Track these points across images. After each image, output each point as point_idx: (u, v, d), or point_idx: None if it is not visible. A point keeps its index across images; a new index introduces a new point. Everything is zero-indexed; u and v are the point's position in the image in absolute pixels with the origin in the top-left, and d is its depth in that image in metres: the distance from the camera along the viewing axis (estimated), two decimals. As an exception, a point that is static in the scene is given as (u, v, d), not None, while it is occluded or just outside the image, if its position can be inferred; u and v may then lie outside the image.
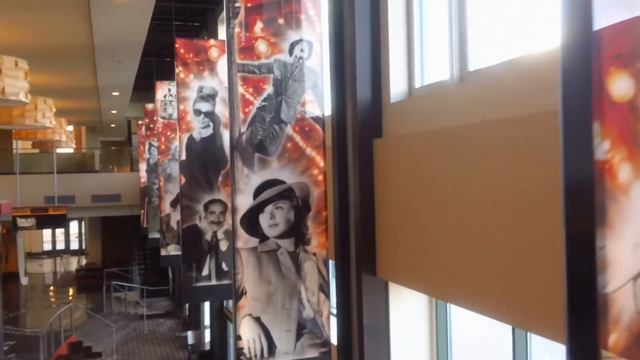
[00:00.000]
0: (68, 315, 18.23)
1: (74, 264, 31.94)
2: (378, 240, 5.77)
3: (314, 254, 5.94)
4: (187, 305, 20.90)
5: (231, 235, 10.17)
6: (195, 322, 18.25)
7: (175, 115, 14.26)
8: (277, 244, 5.82)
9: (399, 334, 5.87)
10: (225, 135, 10.11)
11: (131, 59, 11.92)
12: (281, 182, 5.83)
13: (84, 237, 37.07)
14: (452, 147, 4.56)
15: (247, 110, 5.73)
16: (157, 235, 18.13)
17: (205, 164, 10.06)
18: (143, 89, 21.10)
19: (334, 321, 6.26)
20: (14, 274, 27.19)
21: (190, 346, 16.30)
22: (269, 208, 5.79)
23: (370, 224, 5.81)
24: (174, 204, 14.21)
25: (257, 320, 5.75)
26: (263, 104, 5.77)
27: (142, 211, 21.80)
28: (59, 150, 25.54)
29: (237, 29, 5.70)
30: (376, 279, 5.80)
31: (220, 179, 10.10)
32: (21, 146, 24.51)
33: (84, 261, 32.04)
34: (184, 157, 9.93)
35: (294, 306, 5.89)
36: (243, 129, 5.72)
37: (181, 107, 9.89)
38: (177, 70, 9.85)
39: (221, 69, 10.05)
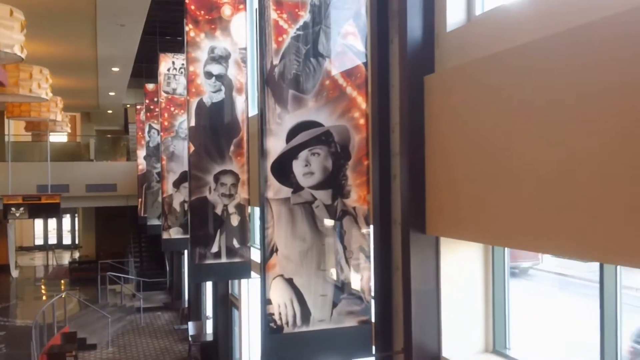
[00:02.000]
0: (61, 307, 17.35)
1: (66, 258, 31.01)
2: (429, 192, 5.00)
3: (354, 209, 5.18)
4: (186, 297, 20.08)
5: (243, 210, 9.44)
6: (195, 313, 17.42)
7: (179, 90, 13.53)
8: (312, 195, 5.05)
9: (451, 298, 5.10)
10: (238, 101, 9.36)
11: (135, 22, 11.10)
12: (318, 124, 5.07)
13: (77, 231, 36.12)
14: (528, 64, 3.82)
15: (280, 39, 4.96)
16: (156, 222, 17.36)
17: (216, 131, 9.28)
18: (143, 74, 20.21)
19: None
20: (4, 266, 26.25)
21: (192, 337, 15.48)
22: (303, 154, 5.03)
23: (419, 175, 5.04)
24: (177, 184, 13.44)
25: (289, 282, 4.98)
26: (298, 33, 5.01)
27: (140, 200, 20.98)
28: (52, 139, 24.74)
29: (270, -55, 4.93)
30: (425, 237, 5.03)
31: (232, 148, 9.33)
32: (13, 132, 23.65)
33: (77, 255, 31.11)
34: (193, 123, 9.15)
35: (331, 268, 5.12)
36: (275, 61, 4.95)
37: (191, 68, 9.10)
38: (186, 28, 9.07)
39: (234, 29, 9.28)
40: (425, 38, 5.03)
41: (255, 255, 9.58)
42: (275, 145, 4.96)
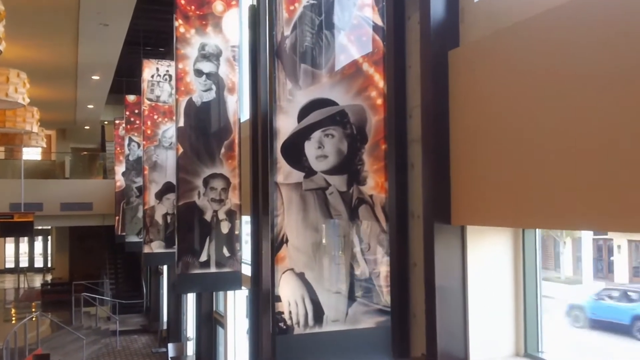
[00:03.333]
0: (33, 329, 16.49)
1: (38, 281, 29.87)
2: (454, 179, 4.54)
3: (371, 197, 4.71)
4: (164, 319, 19.28)
5: (234, 217, 8.89)
6: (175, 334, 16.64)
7: (163, 98, 13.02)
8: (325, 180, 4.57)
9: (476, 296, 4.61)
10: (230, 101, 8.89)
11: (119, 22, 10.59)
12: (332, 102, 4.61)
13: (49, 253, 34.96)
14: (567, 28, 3.40)
15: (292, 8, 4.52)
16: (135, 238, 16.68)
17: (207, 132, 8.78)
18: (123, 90, 19.57)
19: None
20: (-28, 289, 25.15)
21: (172, 359, 14.71)
22: (316, 134, 4.56)
23: (442, 160, 4.57)
24: (159, 196, 12.84)
25: (301, 277, 4.46)
26: (312, 2, 4.57)
27: (117, 217, 20.27)
28: (26, 157, 23.99)
29: None
30: (451, 228, 4.55)
31: (223, 150, 8.82)
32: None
33: (49, 277, 29.99)
34: (181, 123, 8.64)
35: (346, 262, 4.62)
36: (287, 32, 4.49)
37: (180, 66, 8.62)
38: (176, 23, 8.61)
39: (226, 26, 8.85)
40: (449, 10, 4.61)
41: (246, 269, 9.04)
42: (286, 124, 4.48)
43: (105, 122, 26.07)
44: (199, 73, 8.71)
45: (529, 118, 3.83)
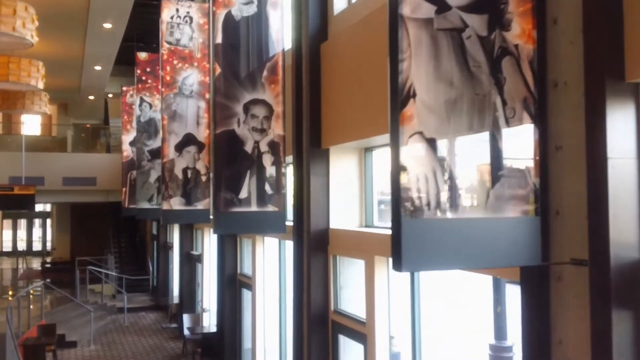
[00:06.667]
0: (36, 301, 15.40)
1: (37, 264, 28.65)
2: (628, 19, 3.43)
3: (516, 47, 3.59)
4: (174, 293, 18.12)
5: (277, 149, 7.75)
6: (189, 306, 15.49)
7: (183, 41, 11.86)
8: (462, 19, 3.44)
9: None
10: (273, 17, 7.76)
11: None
12: None
13: (48, 238, 33.74)
14: None
15: None
16: (147, 205, 15.57)
17: (247, 51, 7.65)
18: (131, 60, 18.32)
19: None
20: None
21: (188, 329, 13.55)
22: (450, -43, 3.42)
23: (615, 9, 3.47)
24: (179, 148, 11.65)
25: (431, 143, 3.33)
26: None
27: (124, 189, 19.11)
28: (26, 132, 22.90)
29: None
30: (624, 85, 3.44)
31: (265, 73, 7.70)
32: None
33: (49, 259, 28.78)
34: (219, 39, 7.51)
35: (486, 129, 3.49)
36: None
37: (218, -28, 7.48)
38: None
39: None
40: None
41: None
42: (413, -62, 3.35)
43: (110, 95, 24.86)
44: (239, -18, 7.58)
45: None
